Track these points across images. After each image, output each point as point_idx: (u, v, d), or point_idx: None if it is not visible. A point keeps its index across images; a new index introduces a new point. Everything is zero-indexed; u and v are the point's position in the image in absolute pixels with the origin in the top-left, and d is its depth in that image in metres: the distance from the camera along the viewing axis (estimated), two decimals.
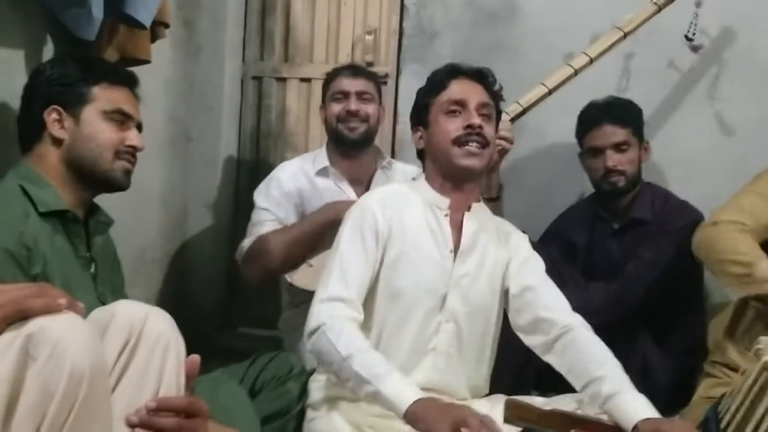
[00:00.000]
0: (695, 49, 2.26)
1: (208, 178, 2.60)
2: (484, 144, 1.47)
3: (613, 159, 1.99)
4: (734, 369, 1.67)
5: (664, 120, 2.31)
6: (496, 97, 1.56)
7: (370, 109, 2.02)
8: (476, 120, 1.46)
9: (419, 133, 1.56)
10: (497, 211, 1.80)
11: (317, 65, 2.61)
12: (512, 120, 1.93)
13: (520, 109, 1.96)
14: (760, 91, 2.21)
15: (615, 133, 2.00)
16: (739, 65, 2.24)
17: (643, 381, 1.67)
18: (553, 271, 1.69)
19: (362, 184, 2.06)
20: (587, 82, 2.12)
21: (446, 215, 1.51)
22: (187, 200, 2.58)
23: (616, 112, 2.03)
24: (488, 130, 1.49)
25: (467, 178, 1.50)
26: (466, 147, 1.46)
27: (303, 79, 2.64)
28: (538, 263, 1.56)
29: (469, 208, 1.52)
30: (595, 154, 2.02)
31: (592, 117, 2.04)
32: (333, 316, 1.37)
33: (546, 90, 2.00)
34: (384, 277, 1.47)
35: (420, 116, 1.55)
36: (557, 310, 1.48)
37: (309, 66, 2.64)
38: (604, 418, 1.35)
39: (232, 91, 2.66)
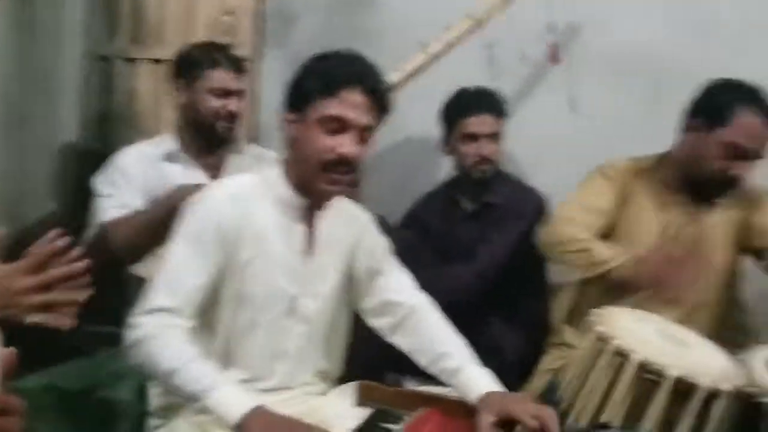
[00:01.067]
0: (551, 41, 2.34)
1: (47, 165, 2.41)
2: (353, 178, 1.36)
3: (488, 148, 2.05)
4: (573, 347, 1.76)
5: (516, 108, 2.39)
6: (383, 115, 1.38)
7: (242, 105, 1.97)
8: (352, 151, 1.31)
9: (292, 118, 1.36)
10: (356, 197, 1.78)
11: (170, 46, 2.48)
12: None
13: None
14: (611, 80, 2.33)
15: (492, 123, 2.06)
16: (591, 55, 2.35)
17: (493, 359, 1.74)
18: (409, 255, 1.71)
19: (216, 169, 1.98)
20: (447, 71, 2.15)
21: (301, 216, 1.40)
22: (22, 188, 2.37)
23: (494, 103, 2.10)
24: (363, 155, 1.35)
25: (326, 198, 1.41)
26: (333, 176, 1.32)
27: (154, 60, 2.50)
28: (384, 245, 1.53)
29: (324, 205, 1.42)
30: (469, 140, 2.06)
31: (471, 104, 2.08)
32: (158, 326, 1.26)
33: (403, 76, 2.02)
34: (231, 282, 1.35)
35: (297, 102, 1.36)
36: (403, 291, 1.48)
37: (161, 47, 2.50)
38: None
39: (74, 71, 2.47)
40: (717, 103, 1.71)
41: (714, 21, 2.21)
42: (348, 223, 1.49)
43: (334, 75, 1.32)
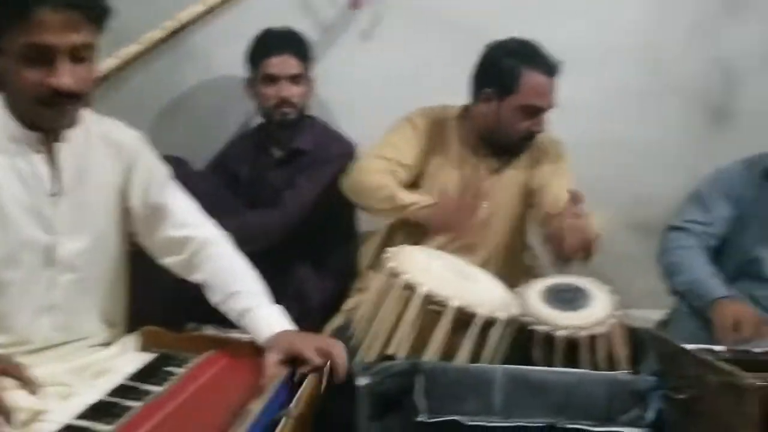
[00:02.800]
0: None
1: None
2: (80, 103, 1.19)
3: (289, 90, 1.99)
4: None
5: (327, 53, 2.35)
6: (100, 24, 1.19)
7: None
8: (66, 82, 1.13)
9: None
10: None
11: None
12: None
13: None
14: (415, 35, 2.36)
15: (294, 65, 2.00)
16: (396, 8, 2.36)
17: (298, 304, 1.73)
18: (214, 200, 1.63)
19: None
20: (258, 13, 2.07)
21: (38, 152, 1.23)
22: None
23: (296, 44, 2.03)
24: (85, 79, 1.17)
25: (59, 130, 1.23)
26: (55, 110, 1.16)
27: None
28: (162, 174, 1.41)
29: (62, 136, 1.24)
30: (269, 81, 1.99)
31: (273, 44, 2.01)
32: None
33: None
34: None
35: None
36: (190, 225, 1.39)
37: None
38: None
39: None
40: (502, 71, 1.79)
41: None
42: (110, 152, 1.33)
43: None
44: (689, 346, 1.49)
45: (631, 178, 2.44)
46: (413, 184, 1.89)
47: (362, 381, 1.21)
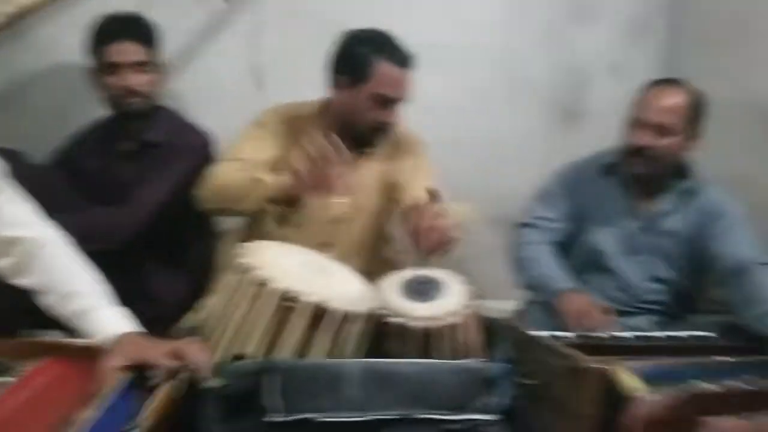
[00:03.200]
0: None
1: None
2: None
3: (134, 79, 1.87)
4: None
5: (194, 46, 2.25)
6: None
7: None
8: None
9: None
10: None
11: None
12: None
13: None
14: (274, 27, 2.31)
15: (137, 51, 1.88)
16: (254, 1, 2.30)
17: (151, 305, 1.63)
18: (56, 196, 1.50)
19: None
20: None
21: None
22: None
23: (139, 29, 1.91)
24: None
25: None
26: None
27: None
28: None
29: None
30: (112, 71, 1.86)
31: (113, 31, 1.88)
32: None
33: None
34: None
35: None
36: (23, 225, 1.27)
37: None
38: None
39: None
40: (355, 59, 1.78)
41: None
42: None
43: None
44: (537, 334, 1.56)
45: (489, 175, 2.53)
46: None
47: (211, 383, 1.15)
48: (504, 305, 2.07)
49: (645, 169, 1.91)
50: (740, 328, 1.74)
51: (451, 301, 1.36)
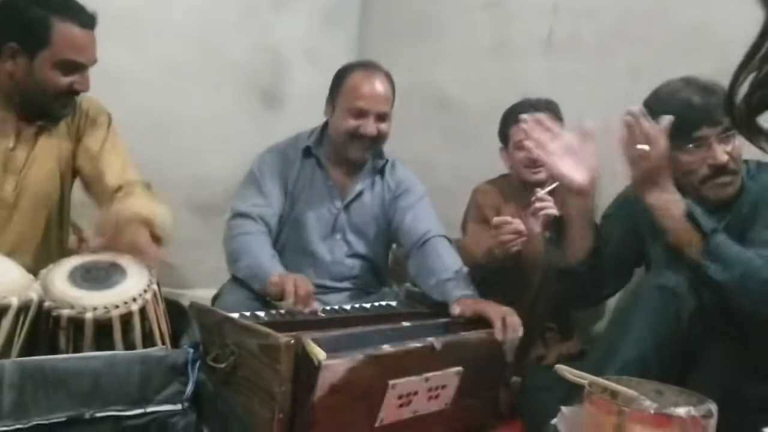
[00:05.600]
0: None
1: None
2: None
3: None
4: None
5: None
6: None
7: None
8: None
9: None
10: None
11: None
12: None
13: None
14: None
15: None
16: None
17: None
18: None
19: None
20: None
21: None
22: None
23: None
24: None
25: None
26: None
27: None
28: None
29: None
30: None
31: None
32: None
33: None
34: None
35: None
36: None
37: None
38: None
39: None
40: (30, 22, 1.56)
41: None
42: None
43: None
44: (232, 315, 1.51)
45: (190, 159, 2.42)
46: None
47: None
48: (208, 293, 1.98)
49: (365, 154, 1.98)
50: (424, 295, 1.89)
51: (130, 286, 1.24)
